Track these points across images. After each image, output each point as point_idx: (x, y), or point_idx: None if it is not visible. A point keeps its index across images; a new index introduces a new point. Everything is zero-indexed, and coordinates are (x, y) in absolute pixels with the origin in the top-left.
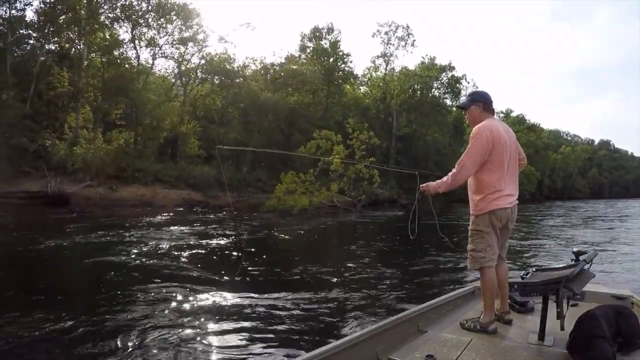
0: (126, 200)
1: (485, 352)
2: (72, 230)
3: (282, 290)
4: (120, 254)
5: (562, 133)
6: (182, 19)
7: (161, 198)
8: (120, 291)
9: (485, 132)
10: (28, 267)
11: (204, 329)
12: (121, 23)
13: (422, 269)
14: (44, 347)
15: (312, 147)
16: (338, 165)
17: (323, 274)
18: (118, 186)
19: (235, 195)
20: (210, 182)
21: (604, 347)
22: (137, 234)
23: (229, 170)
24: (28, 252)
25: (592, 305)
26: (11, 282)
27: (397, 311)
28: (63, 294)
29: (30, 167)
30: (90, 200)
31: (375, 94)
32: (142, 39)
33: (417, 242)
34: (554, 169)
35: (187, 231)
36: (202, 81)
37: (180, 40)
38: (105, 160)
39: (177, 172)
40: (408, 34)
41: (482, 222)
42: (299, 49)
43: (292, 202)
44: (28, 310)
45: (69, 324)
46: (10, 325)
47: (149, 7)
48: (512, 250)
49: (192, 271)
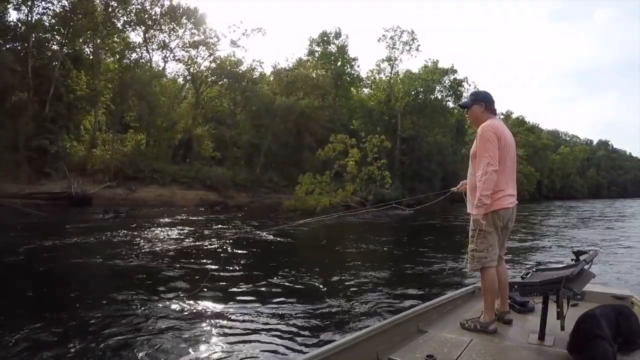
0: (146, 201)
1: (485, 352)
2: (132, 231)
3: (282, 289)
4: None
5: (561, 133)
6: (192, 23)
7: (180, 198)
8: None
9: (491, 128)
10: (133, 272)
11: (204, 327)
12: (134, 26)
13: (422, 269)
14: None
15: (330, 151)
16: (353, 168)
17: (323, 274)
18: (136, 187)
19: (250, 195)
20: (226, 183)
21: (604, 347)
22: (191, 233)
23: (242, 172)
24: (120, 256)
25: (592, 305)
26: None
27: (397, 311)
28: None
29: (50, 169)
30: (112, 201)
31: (380, 96)
32: (154, 42)
33: (417, 242)
34: (552, 169)
35: (227, 228)
36: (212, 83)
37: (191, 43)
38: (123, 162)
39: (193, 173)
40: (413, 39)
41: (485, 221)
42: (308, 52)
43: (314, 202)
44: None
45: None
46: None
47: (162, 10)
48: (512, 250)
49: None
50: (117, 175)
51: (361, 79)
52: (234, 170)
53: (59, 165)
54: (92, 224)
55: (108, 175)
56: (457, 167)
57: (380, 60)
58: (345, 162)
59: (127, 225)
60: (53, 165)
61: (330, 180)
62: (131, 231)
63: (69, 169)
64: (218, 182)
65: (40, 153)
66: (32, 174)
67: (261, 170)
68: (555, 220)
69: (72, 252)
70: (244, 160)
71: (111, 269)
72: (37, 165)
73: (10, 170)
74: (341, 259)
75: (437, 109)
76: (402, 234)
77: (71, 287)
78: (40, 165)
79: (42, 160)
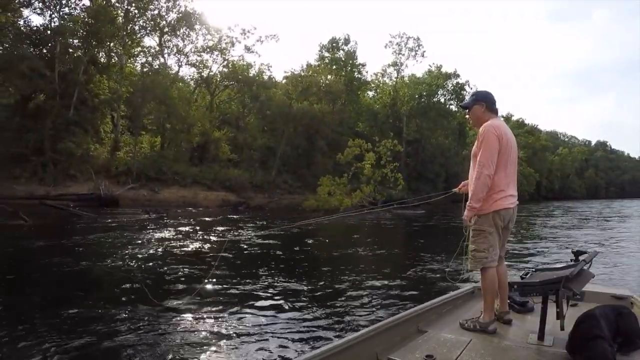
0: (170, 201)
1: (484, 352)
2: (190, 229)
3: (281, 289)
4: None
5: (560, 134)
6: (206, 29)
7: (202, 199)
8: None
9: (492, 130)
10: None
11: (204, 327)
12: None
13: (422, 268)
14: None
15: (349, 154)
16: (369, 171)
17: (323, 274)
18: (159, 188)
19: (266, 196)
20: (244, 184)
21: (604, 347)
22: (234, 229)
23: (258, 173)
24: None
25: (592, 305)
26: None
27: (397, 311)
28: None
29: (75, 171)
30: (137, 202)
31: (385, 100)
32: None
33: (417, 242)
34: (551, 169)
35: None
36: (225, 87)
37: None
38: (145, 164)
39: (213, 175)
40: (418, 45)
41: (486, 222)
42: (318, 58)
43: (337, 202)
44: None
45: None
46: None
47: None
48: (512, 250)
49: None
50: (139, 177)
51: (367, 83)
52: (250, 172)
53: (85, 167)
54: (147, 223)
55: (131, 177)
56: (459, 169)
57: (387, 65)
58: (362, 165)
59: (178, 224)
60: (78, 168)
61: (347, 182)
62: (188, 229)
63: (93, 171)
64: (236, 183)
65: (65, 156)
66: (58, 176)
67: (276, 172)
68: (554, 220)
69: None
70: (258, 163)
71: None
72: (62, 168)
73: (36, 173)
74: (341, 259)
75: (440, 112)
76: (403, 234)
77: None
78: (66, 167)
79: (68, 162)
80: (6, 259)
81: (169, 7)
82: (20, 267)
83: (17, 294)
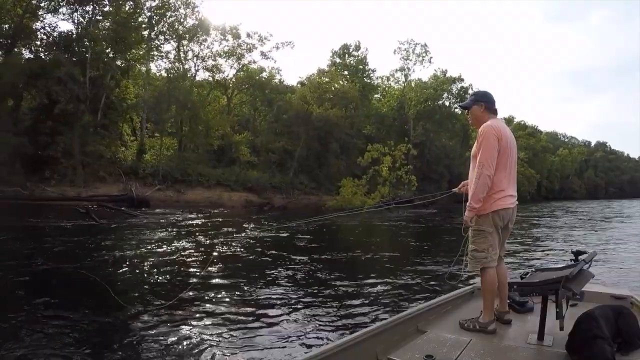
0: (196, 202)
1: (484, 352)
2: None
3: (281, 289)
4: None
5: (560, 135)
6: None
7: (227, 200)
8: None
9: (492, 130)
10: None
11: (204, 328)
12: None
13: (422, 268)
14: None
15: (369, 158)
16: (386, 173)
17: (323, 274)
18: (184, 189)
19: (284, 197)
20: (264, 185)
21: (603, 348)
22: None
23: (276, 175)
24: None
25: (592, 305)
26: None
27: (397, 311)
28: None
29: (104, 172)
30: (165, 202)
31: (392, 103)
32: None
33: (416, 242)
34: (551, 170)
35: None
36: (239, 91)
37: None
38: (170, 166)
39: (235, 177)
40: (425, 52)
41: (485, 222)
42: (330, 64)
43: (360, 202)
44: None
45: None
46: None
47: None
48: (512, 250)
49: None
50: (165, 178)
51: (374, 87)
52: (269, 173)
53: (114, 169)
54: (194, 221)
55: (157, 178)
56: (462, 170)
57: (394, 70)
58: (380, 168)
59: (223, 223)
60: (107, 170)
61: (366, 183)
62: (244, 226)
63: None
64: (257, 184)
65: (94, 158)
66: (87, 178)
67: (294, 173)
68: (553, 220)
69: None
70: (275, 165)
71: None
72: (92, 170)
73: (66, 175)
74: (342, 259)
75: (445, 115)
76: (404, 234)
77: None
78: (95, 169)
79: (97, 164)
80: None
81: (187, 14)
82: (131, 260)
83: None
